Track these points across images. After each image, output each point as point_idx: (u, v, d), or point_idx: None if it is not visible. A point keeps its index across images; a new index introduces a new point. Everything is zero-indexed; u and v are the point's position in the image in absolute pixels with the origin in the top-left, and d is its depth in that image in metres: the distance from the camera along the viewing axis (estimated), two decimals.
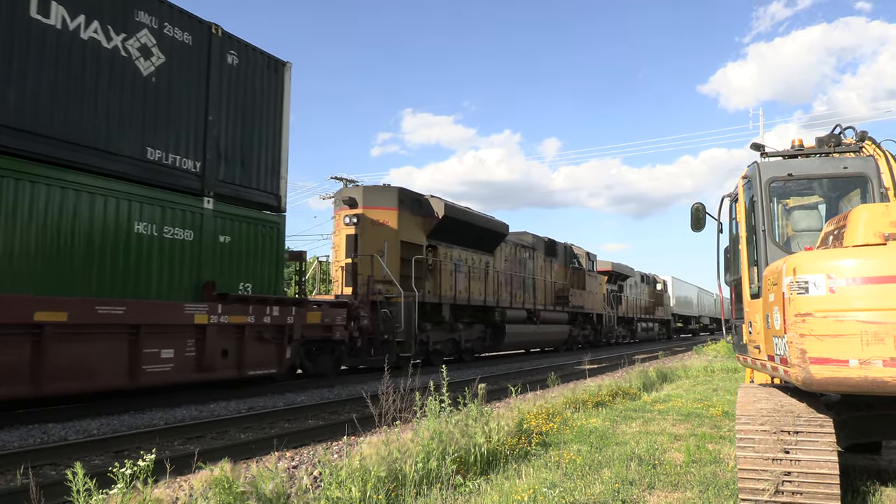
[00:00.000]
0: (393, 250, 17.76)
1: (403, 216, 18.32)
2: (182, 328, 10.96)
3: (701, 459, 6.50)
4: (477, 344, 22.12)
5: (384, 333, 16.27)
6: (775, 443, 4.38)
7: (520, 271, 25.38)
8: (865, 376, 3.82)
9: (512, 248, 24.96)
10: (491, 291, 22.70)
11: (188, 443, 7.91)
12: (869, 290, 3.88)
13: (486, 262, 22.68)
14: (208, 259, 11.88)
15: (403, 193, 18.60)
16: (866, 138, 6.03)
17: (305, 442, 7.98)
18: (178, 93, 11.56)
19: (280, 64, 13.77)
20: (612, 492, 5.20)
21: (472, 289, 21.46)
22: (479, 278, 22.02)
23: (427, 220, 19.34)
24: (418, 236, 18.96)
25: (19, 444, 7.59)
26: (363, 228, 17.70)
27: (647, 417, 9.39)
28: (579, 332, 31.64)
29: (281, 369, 13.10)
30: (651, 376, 14.20)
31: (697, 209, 6.81)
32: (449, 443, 5.72)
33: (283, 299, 13.26)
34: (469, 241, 21.34)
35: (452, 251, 20.52)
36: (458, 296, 20.51)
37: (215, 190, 12.10)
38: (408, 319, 16.89)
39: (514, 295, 24.49)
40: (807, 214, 6.20)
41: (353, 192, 18.57)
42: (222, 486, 4.18)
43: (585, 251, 32.38)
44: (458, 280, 20.66)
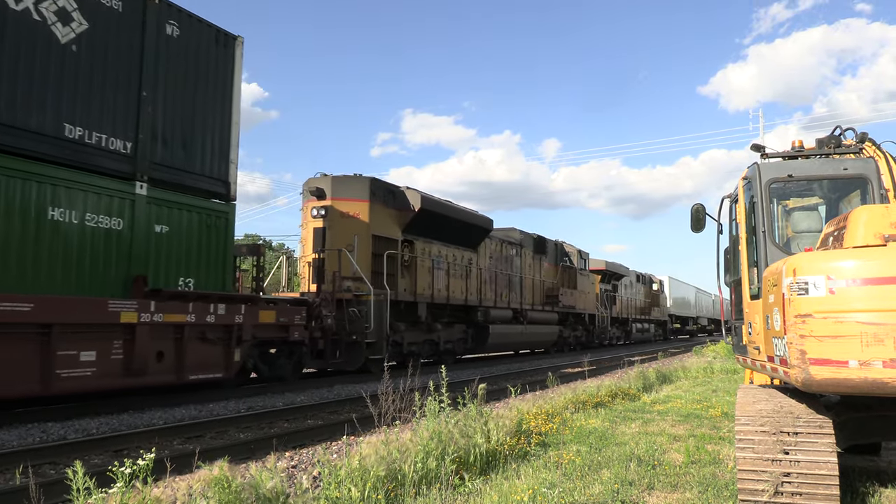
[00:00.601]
0: (364, 245, 16.61)
1: (376, 208, 17.07)
2: (106, 328, 9.68)
3: (700, 460, 6.50)
4: (458, 345, 20.93)
5: (352, 334, 15.12)
6: (775, 444, 4.38)
7: (506, 269, 24.21)
8: (865, 377, 3.82)
9: (498, 245, 23.81)
10: (474, 290, 21.58)
11: (187, 442, 7.91)
12: (869, 291, 3.88)
13: (469, 258, 21.53)
14: (140, 250, 10.69)
15: (376, 184, 17.31)
16: (866, 140, 6.03)
17: (305, 442, 7.98)
18: (105, 65, 10.29)
19: (230, 38, 12.55)
20: (611, 492, 5.20)
21: (453, 287, 20.30)
22: (461, 276, 20.89)
23: (403, 214, 18.09)
24: (393, 230, 17.73)
25: (18, 442, 7.58)
26: (331, 221, 16.53)
27: (646, 418, 9.39)
28: (570, 333, 30.55)
29: (228, 373, 11.84)
30: (650, 377, 14.20)
31: (697, 210, 6.81)
32: (448, 443, 5.72)
33: (231, 296, 12.12)
34: (450, 236, 20.21)
35: (431, 247, 19.34)
36: (437, 294, 19.34)
37: (150, 174, 10.88)
38: (378, 319, 15.71)
39: (499, 294, 23.41)
40: (807, 215, 6.20)
41: (321, 182, 17.08)
42: (222, 485, 4.18)
43: (577, 249, 31.29)
44: (438, 277, 19.47)
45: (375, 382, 12.65)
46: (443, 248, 19.92)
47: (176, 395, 11.40)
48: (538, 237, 27.38)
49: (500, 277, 23.52)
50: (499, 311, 22.79)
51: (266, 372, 13.56)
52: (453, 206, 20.49)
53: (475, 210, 22.05)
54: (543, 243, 27.83)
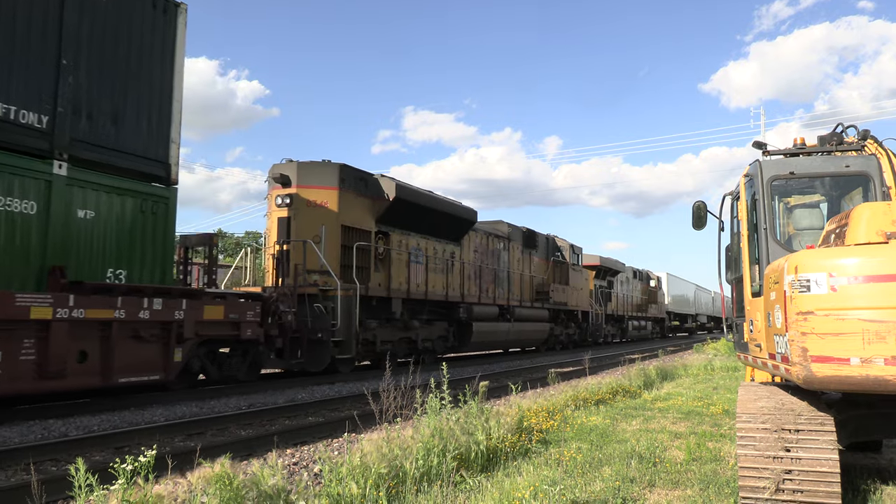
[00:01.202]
0: (332, 236, 15.42)
1: (346, 197, 15.87)
2: (13, 325, 8.53)
3: (701, 457, 6.51)
4: (438, 344, 19.60)
5: (317, 332, 13.96)
6: (776, 441, 4.38)
7: (492, 264, 22.90)
8: (867, 375, 3.82)
9: (483, 238, 22.53)
10: (456, 285, 20.31)
11: (189, 439, 7.92)
12: (870, 288, 3.88)
13: (452, 252, 20.27)
14: (58, 238, 9.52)
15: (346, 171, 16.08)
16: (868, 137, 6.02)
17: (306, 439, 7.99)
18: (15, 28, 9.19)
19: (171, 4, 11.38)
20: (612, 489, 5.21)
21: (433, 282, 19.13)
22: (442, 270, 19.65)
23: (376, 203, 16.93)
24: (365, 221, 16.57)
25: (20, 439, 7.59)
26: (297, 210, 15.31)
27: (647, 415, 9.40)
28: (562, 331, 29.14)
29: (168, 375, 10.61)
30: (651, 374, 14.21)
31: (699, 207, 6.81)
32: (449, 440, 5.73)
33: (169, 290, 10.82)
34: (430, 228, 19.01)
35: (409, 239, 18.23)
36: (415, 289, 18.23)
37: (72, 152, 9.74)
38: (346, 315, 14.61)
39: (484, 289, 22.14)
40: (808, 213, 6.19)
41: (286, 168, 15.83)
42: (223, 482, 4.18)
43: (569, 243, 29.95)
44: (416, 272, 18.32)
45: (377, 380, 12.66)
46: (422, 240, 18.80)
47: (177, 393, 11.42)
48: (527, 230, 26.06)
49: (485, 272, 22.35)
50: (483, 308, 21.65)
51: (216, 373, 12.35)
52: (433, 196, 19.23)
53: (458, 201, 20.71)
54: (533, 237, 26.51)
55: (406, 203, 17.56)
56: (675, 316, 54.56)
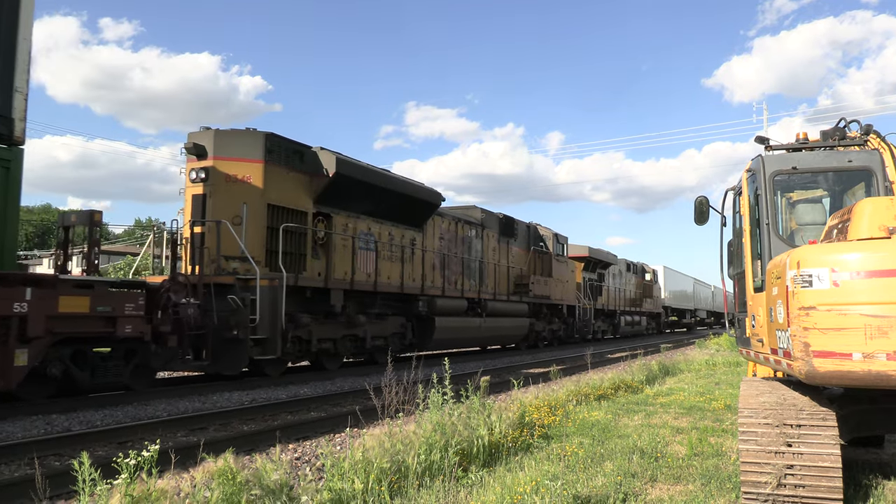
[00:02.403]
0: (256, 217, 13.25)
1: (273, 172, 13.60)
2: None
3: (703, 452, 6.51)
4: (393, 341, 17.37)
5: (233, 328, 11.86)
6: (778, 436, 4.39)
7: (462, 252, 20.58)
8: (869, 370, 3.82)
9: (451, 224, 20.29)
10: (416, 275, 18.08)
11: (191, 434, 7.94)
12: (873, 283, 3.88)
13: (412, 238, 18.06)
14: None
15: (274, 141, 13.74)
16: (871, 132, 6.01)
17: (308, 434, 8.01)
18: None
19: None
20: (614, 484, 5.21)
21: (387, 271, 16.89)
22: (399, 258, 17.40)
23: (314, 180, 14.65)
24: (300, 200, 14.24)
25: (23, 434, 7.62)
26: (214, 186, 13.12)
27: (649, 410, 9.41)
28: (545, 327, 26.87)
29: (7, 384, 8.45)
30: (653, 369, 14.22)
31: (701, 202, 6.80)
32: (451, 435, 5.74)
33: (4, 276, 8.63)
34: (384, 210, 16.86)
35: (358, 223, 15.96)
36: (363, 279, 15.90)
37: None
38: (270, 309, 12.59)
39: (451, 281, 19.81)
40: (811, 208, 6.19)
41: (202, 137, 13.45)
42: (226, 477, 4.19)
43: (553, 232, 27.46)
44: (364, 259, 16.05)
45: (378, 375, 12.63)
46: (374, 224, 16.60)
47: (179, 388, 11.44)
48: (505, 217, 23.71)
49: (452, 262, 20.01)
50: (448, 301, 19.34)
51: (86, 380, 10.03)
52: (386, 174, 17.04)
53: (419, 182, 18.48)
54: (511, 224, 24.10)
55: (350, 180, 15.26)
56: (673, 311, 52.80)
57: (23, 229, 61.47)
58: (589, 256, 32.50)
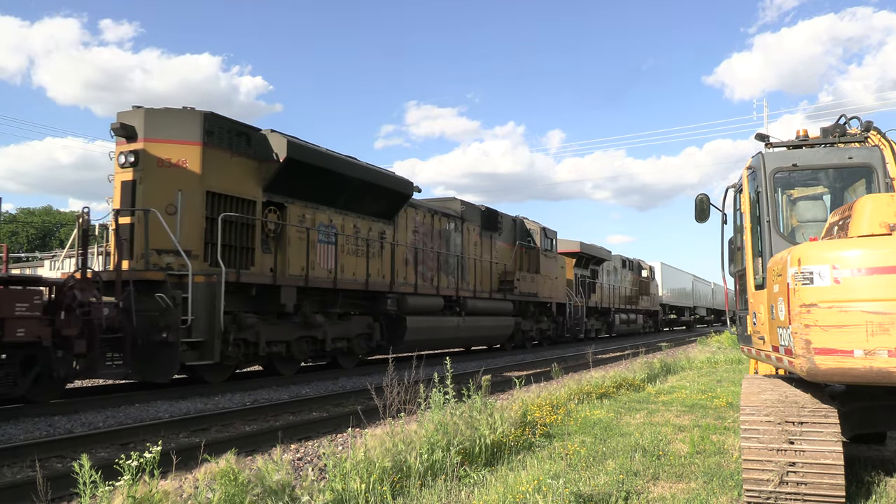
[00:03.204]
0: (193, 205, 11.81)
1: (214, 155, 12.11)
2: None
3: (705, 450, 6.51)
4: (358, 343, 15.89)
5: (162, 330, 10.55)
6: (780, 433, 4.39)
7: (439, 247, 19.20)
8: (870, 367, 3.81)
9: (427, 217, 18.93)
10: (386, 271, 16.65)
11: (193, 435, 7.94)
12: (874, 280, 3.87)
13: (381, 231, 16.68)
14: None
15: (214, 122, 12.25)
16: (871, 128, 6.00)
17: (310, 434, 8.02)
18: None
19: None
20: (616, 483, 5.21)
21: (352, 267, 15.38)
22: (365, 253, 15.89)
23: (264, 166, 13.12)
24: (246, 187, 12.76)
25: (25, 436, 7.63)
26: (144, 172, 11.66)
27: (651, 409, 9.40)
28: (532, 326, 25.31)
29: None
30: (655, 368, 14.21)
31: (702, 200, 6.79)
32: (453, 434, 5.74)
33: None
34: (347, 201, 15.34)
35: (316, 214, 14.43)
36: (322, 276, 14.37)
37: None
38: (206, 309, 11.25)
39: (426, 277, 18.46)
40: (812, 205, 6.18)
41: (131, 116, 11.94)
42: (228, 478, 4.20)
43: (541, 226, 25.90)
44: (324, 254, 14.53)
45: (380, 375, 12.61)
46: (336, 216, 15.09)
47: (180, 390, 11.45)
48: (487, 210, 22.30)
49: (428, 257, 18.63)
50: (421, 299, 17.90)
51: None
52: (351, 161, 15.38)
53: (389, 170, 17.05)
54: (495, 218, 22.63)
55: (305, 167, 13.75)
56: (672, 309, 51.16)
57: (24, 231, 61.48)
58: (580, 252, 31.04)
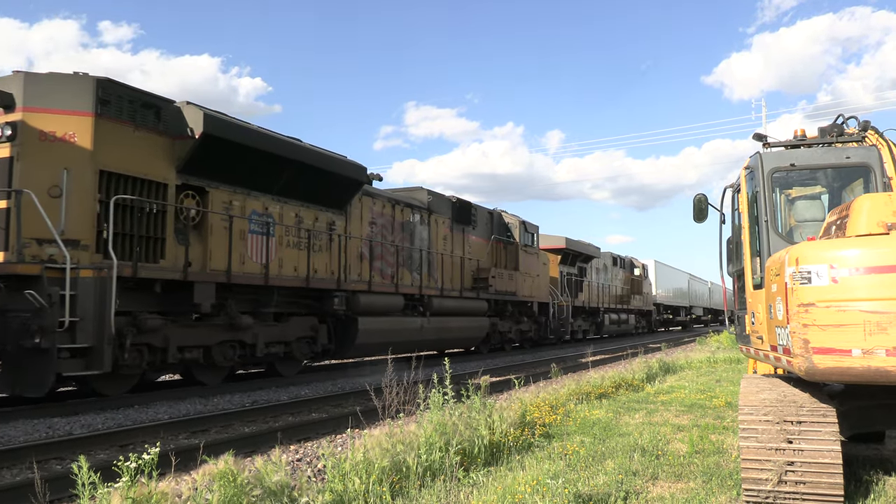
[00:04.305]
0: (82, 187, 9.95)
1: (110, 129, 10.18)
2: None
3: (704, 450, 6.52)
4: (299, 347, 14.00)
5: (35, 335, 8.86)
6: (778, 433, 4.40)
7: (401, 240, 17.42)
8: (868, 366, 3.82)
9: (387, 207, 17.14)
10: (334, 266, 14.69)
11: (193, 436, 7.94)
12: (872, 279, 3.88)
13: (330, 222, 14.76)
14: None
15: (111, 89, 10.30)
16: (869, 128, 6.01)
17: (310, 435, 8.02)
18: None
19: None
20: (615, 483, 5.22)
21: (293, 261, 13.52)
22: (309, 246, 13.93)
23: (178, 144, 11.21)
24: (154, 168, 10.82)
25: (24, 438, 7.62)
26: (23, 147, 9.76)
27: (650, 409, 9.41)
28: (511, 327, 23.46)
29: None
30: (654, 368, 14.22)
31: (700, 200, 6.80)
32: (452, 435, 5.74)
33: None
34: (287, 187, 13.41)
35: (248, 201, 12.58)
36: (254, 271, 12.49)
37: None
38: (95, 309, 9.48)
39: (385, 274, 16.68)
40: (809, 204, 6.19)
41: (9, 82, 10.04)
42: (227, 479, 4.20)
43: (521, 220, 24.09)
44: (257, 246, 12.68)
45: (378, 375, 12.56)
46: (273, 203, 13.23)
47: (180, 391, 11.45)
48: (459, 201, 20.46)
49: (387, 251, 16.85)
50: (376, 298, 16.05)
51: None
52: (290, 142, 13.44)
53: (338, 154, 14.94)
54: (468, 210, 20.80)
55: (230, 145, 11.79)
56: (667, 308, 49.33)
57: None
58: (566, 248, 29.10)
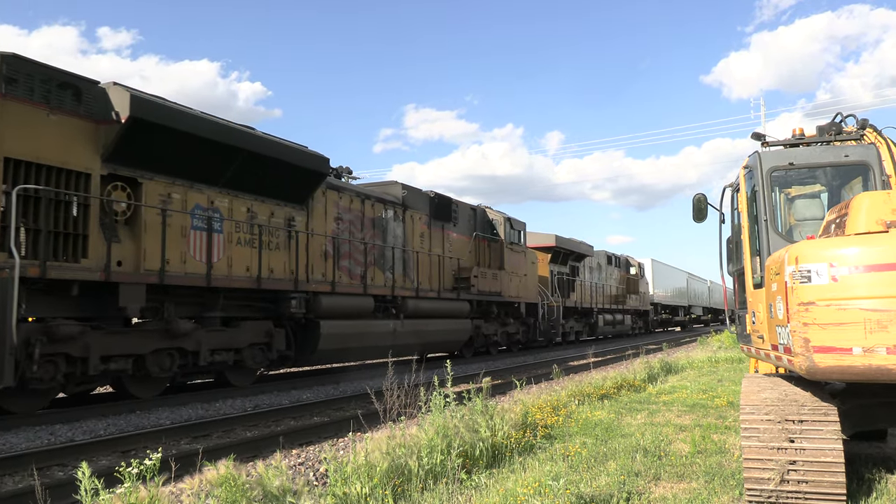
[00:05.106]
0: None
1: (18, 111, 9.02)
2: None
3: (706, 450, 6.51)
4: (252, 355, 12.59)
5: None
6: (780, 432, 4.39)
7: (371, 238, 16.10)
8: (869, 364, 3.82)
9: (355, 202, 15.78)
10: (292, 265, 13.38)
11: (195, 441, 7.94)
12: (871, 277, 3.88)
13: (289, 218, 13.52)
14: None
15: (18, 67, 9.09)
16: (867, 126, 6.01)
17: (311, 439, 8.02)
18: None
19: None
20: (617, 483, 5.21)
21: (244, 260, 12.25)
22: (263, 244, 12.64)
23: (102, 129, 9.98)
24: (74, 156, 9.63)
25: (26, 445, 7.62)
26: None
27: (652, 409, 9.40)
28: (497, 330, 22.25)
29: None
30: (655, 368, 14.21)
31: (699, 200, 6.80)
32: (454, 437, 5.74)
33: None
34: (237, 178, 12.12)
35: (189, 194, 11.33)
36: (197, 271, 11.23)
37: None
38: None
39: (354, 274, 15.34)
40: (809, 203, 6.19)
41: None
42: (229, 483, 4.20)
43: (506, 216, 22.79)
44: (199, 243, 11.40)
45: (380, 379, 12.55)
46: (220, 197, 11.96)
47: (182, 396, 11.44)
48: (438, 196, 19.18)
49: (355, 249, 15.50)
50: (341, 300, 14.66)
51: None
52: (239, 129, 12.15)
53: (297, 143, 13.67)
54: (447, 206, 19.55)
55: (165, 131, 10.54)
56: (665, 308, 48.34)
57: None
58: (556, 246, 27.71)
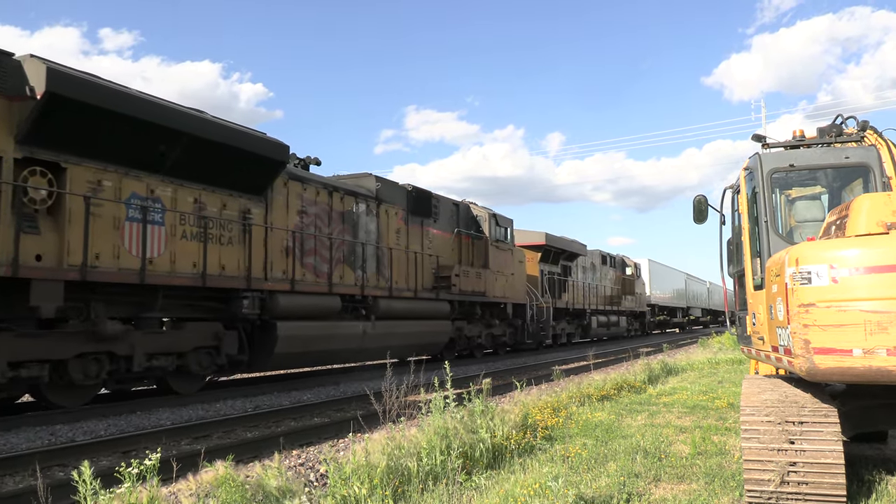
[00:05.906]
0: None
1: None
2: None
3: (706, 451, 6.51)
4: (197, 359, 11.60)
5: None
6: (780, 433, 4.39)
7: (340, 233, 14.96)
8: (869, 366, 3.82)
9: (321, 194, 14.57)
10: (246, 261, 12.24)
11: (195, 442, 7.94)
12: (872, 279, 3.88)
13: (244, 210, 12.38)
14: None
15: None
16: (868, 128, 6.01)
17: (312, 440, 8.02)
18: None
19: None
20: (617, 485, 5.21)
21: (190, 255, 11.13)
22: (212, 237, 11.55)
23: (17, 107, 8.89)
24: None
25: (27, 445, 7.62)
26: None
27: (652, 410, 9.40)
28: (481, 332, 21.18)
29: None
30: (656, 369, 14.21)
31: (700, 201, 6.80)
32: (454, 438, 5.74)
33: None
34: (180, 165, 10.96)
35: (125, 181, 10.23)
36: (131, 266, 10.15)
37: None
38: None
39: (320, 271, 14.16)
40: (809, 205, 6.19)
41: None
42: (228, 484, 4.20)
43: (491, 212, 21.69)
44: (136, 236, 10.26)
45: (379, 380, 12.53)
46: (162, 186, 10.85)
47: (183, 397, 11.44)
48: (416, 190, 18.12)
49: (321, 245, 14.31)
50: (302, 299, 13.53)
51: None
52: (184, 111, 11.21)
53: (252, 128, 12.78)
54: (427, 201, 18.54)
55: (92, 111, 9.47)
56: (662, 309, 47.53)
57: None
58: (546, 245, 26.50)
